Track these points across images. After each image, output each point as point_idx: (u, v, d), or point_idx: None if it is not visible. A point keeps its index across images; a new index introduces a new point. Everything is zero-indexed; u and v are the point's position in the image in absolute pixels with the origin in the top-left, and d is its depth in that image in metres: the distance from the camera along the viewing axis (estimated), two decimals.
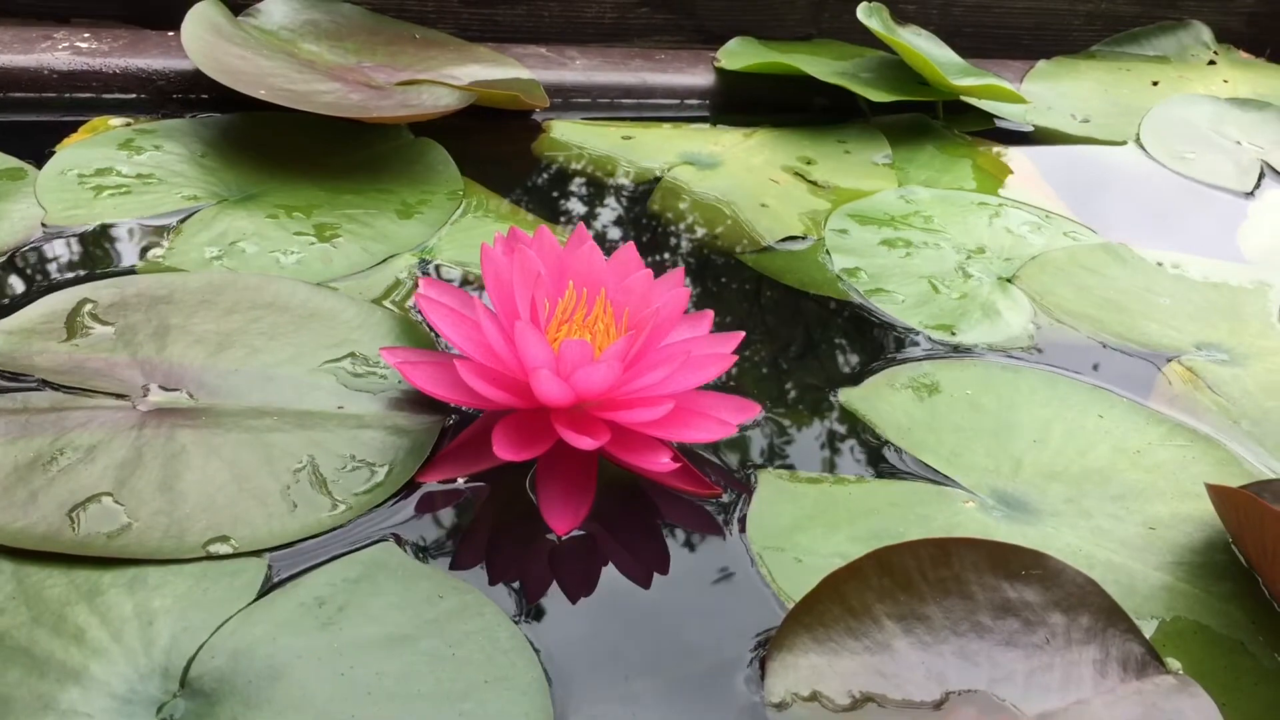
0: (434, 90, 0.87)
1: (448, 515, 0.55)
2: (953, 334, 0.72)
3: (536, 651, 0.47)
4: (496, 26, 1.04)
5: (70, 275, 0.67)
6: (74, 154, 0.79)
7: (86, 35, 0.90)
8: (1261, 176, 1.02)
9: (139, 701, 0.43)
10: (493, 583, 0.51)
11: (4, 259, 0.68)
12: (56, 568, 0.48)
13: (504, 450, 0.53)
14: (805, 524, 0.56)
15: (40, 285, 0.66)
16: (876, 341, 0.71)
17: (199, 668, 0.45)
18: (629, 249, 0.62)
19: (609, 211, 0.84)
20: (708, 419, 0.57)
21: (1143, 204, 0.96)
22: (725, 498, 0.57)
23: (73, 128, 0.84)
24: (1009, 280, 0.80)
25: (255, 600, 0.48)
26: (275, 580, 0.49)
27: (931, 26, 1.13)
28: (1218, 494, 0.58)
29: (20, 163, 0.77)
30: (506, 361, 0.56)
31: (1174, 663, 0.51)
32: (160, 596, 0.47)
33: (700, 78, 1.03)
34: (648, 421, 0.55)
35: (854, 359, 0.69)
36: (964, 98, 1.03)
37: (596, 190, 0.86)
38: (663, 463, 0.55)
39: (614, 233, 0.81)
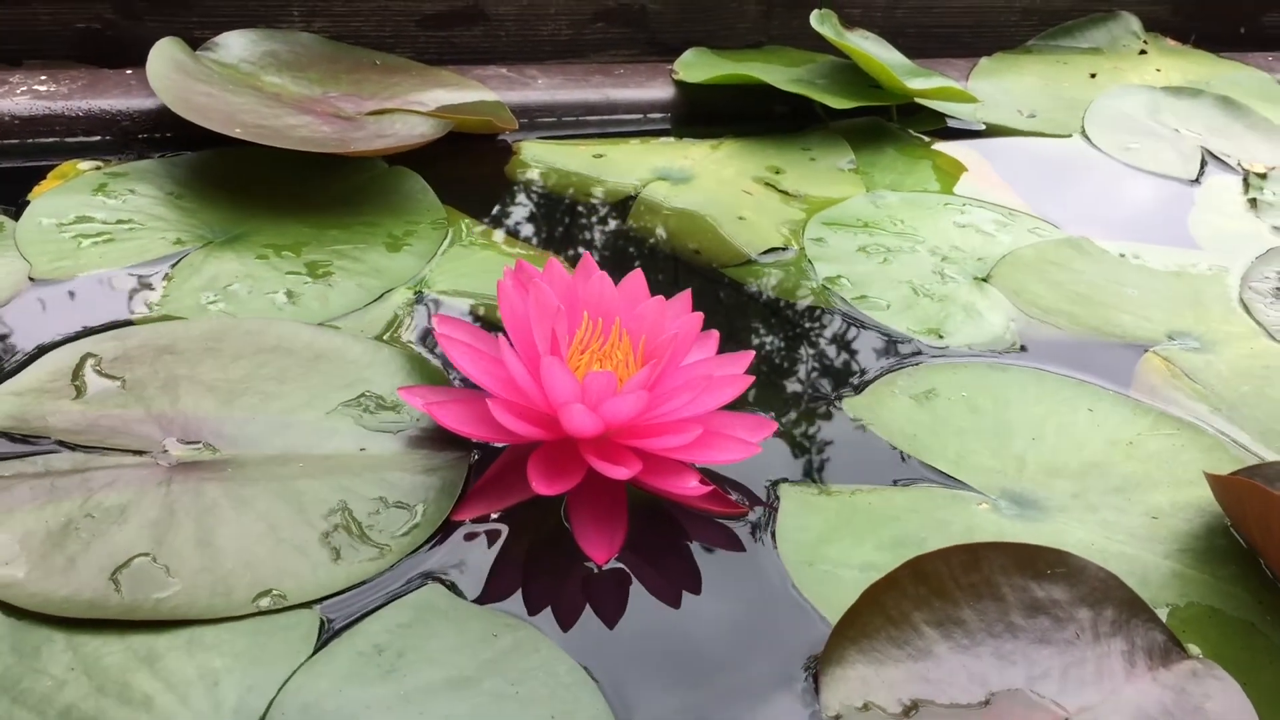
0: (408, 119, 0.87)
1: (487, 552, 0.55)
2: (940, 337, 0.75)
3: (596, 682, 0.48)
4: (454, 49, 1.04)
5: (67, 330, 0.66)
6: (49, 202, 0.78)
7: (43, 78, 0.89)
8: (1204, 164, 1.06)
9: None
10: (541, 616, 0.52)
11: None
12: (109, 634, 0.48)
13: (541, 485, 0.54)
14: (831, 536, 0.58)
15: (38, 342, 0.65)
16: (870, 349, 0.73)
17: None
18: (637, 276, 0.63)
19: (591, 232, 0.85)
20: (731, 440, 0.58)
21: (1095, 196, 1.00)
22: (750, 515, 0.58)
23: (40, 174, 0.82)
24: (984, 280, 0.82)
25: (314, 653, 0.48)
26: (330, 631, 0.49)
27: (876, 28, 1.16)
28: (1218, 483, 0.60)
29: None
30: (531, 396, 0.57)
31: (1194, 648, 0.53)
32: (219, 656, 0.48)
33: (660, 91, 1.04)
34: (675, 447, 0.57)
35: (852, 367, 0.71)
36: (918, 100, 1.06)
37: (575, 211, 0.87)
38: (691, 486, 0.57)
39: (598, 253, 0.82)
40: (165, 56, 0.87)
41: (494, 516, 0.57)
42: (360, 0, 0.99)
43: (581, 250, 0.82)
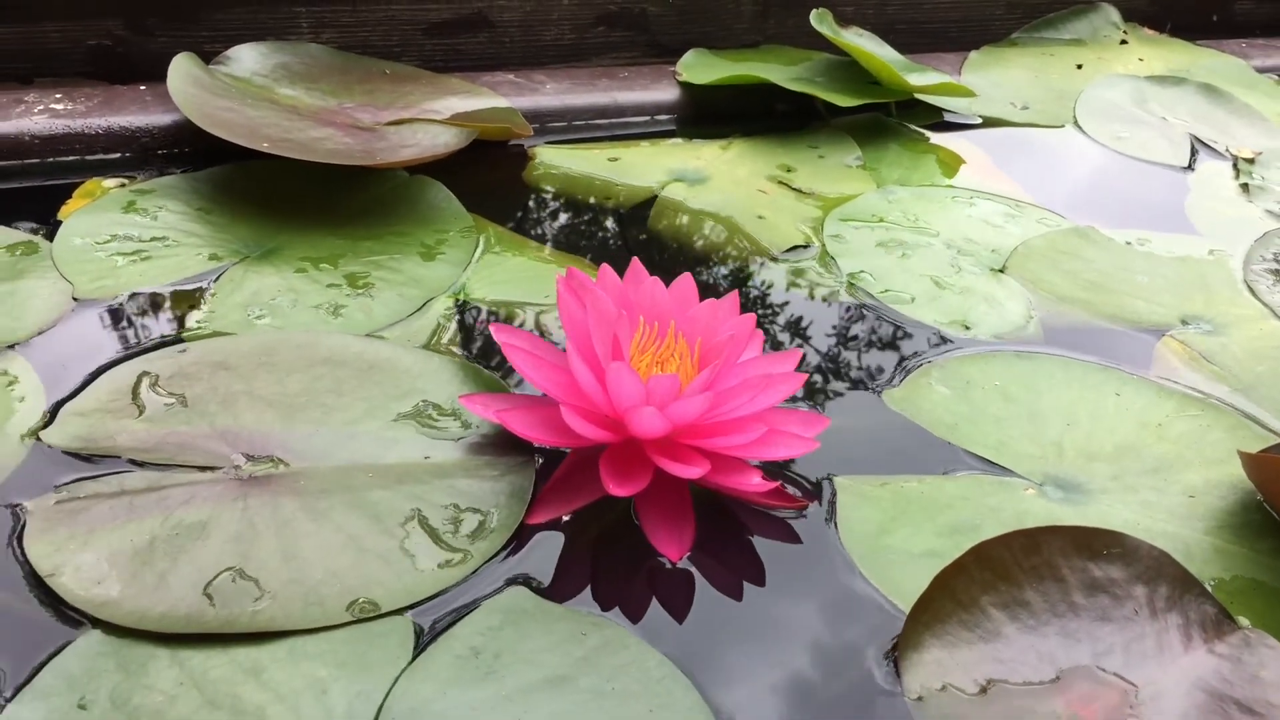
0: (429, 129, 0.88)
1: (563, 553, 0.57)
2: (966, 328, 0.77)
3: (685, 675, 0.50)
4: (460, 55, 1.05)
5: (119, 349, 0.67)
6: (82, 221, 0.78)
7: (58, 96, 0.89)
8: (1194, 151, 1.09)
9: None
10: (622, 613, 0.53)
11: (44, 337, 0.67)
12: (210, 648, 0.49)
13: (615, 487, 0.55)
14: (890, 526, 0.60)
15: (92, 362, 0.65)
16: (901, 342, 0.75)
17: None
18: (686, 280, 0.64)
19: (615, 235, 0.86)
20: (788, 436, 0.60)
21: (1093, 185, 1.02)
22: (809, 508, 0.60)
23: (63, 192, 0.82)
24: (1000, 271, 0.85)
25: (414, 659, 0.49)
26: (425, 636, 0.51)
27: (868, 25, 1.18)
28: (1250, 460, 0.63)
29: (29, 235, 0.76)
30: (596, 400, 0.58)
31: (1243, 620, 0.56)
32: (323, 665, 0.49)
33: (665, 93, 1.06)
34: (739, 445, 0.58)
35: (887, 360, 0.73)
36: (918, 96, 1.08)
37: (597, 214, 0.88)
38: (755, 483, 0.58)
39: (625, 256, 0.83)
40: (183, 72, 0.87)
41: (565, 519, 0.58)
42: (367, 11, 0.99)
43: (607, 253, 0.83)
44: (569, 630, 0.52)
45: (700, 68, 1.08)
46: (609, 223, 0.87)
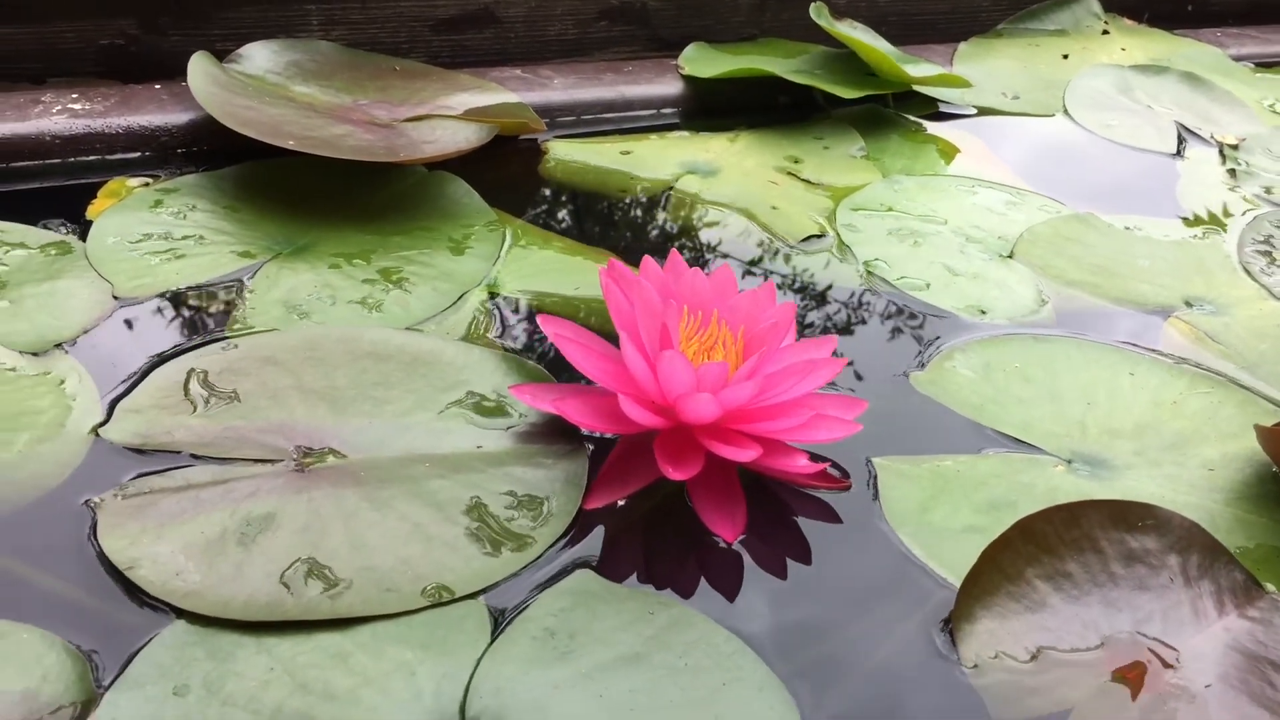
0: (448, 125, 0.89)
1: (620, 536, 0.59)
2: (982, 313, 0.80)
3: (752, 649, 0.52)
4: (466, 51, 1.06)
5: (165, 347, 0.68)
6: (112, 221, 0.78)
7: (74, 95, 0.89)
8: (1180, 138, 1.13)
9: None
10: (682, 592, 0.55)
11: (90, 337, 0.68)
12: (294, 635, 0.50)
13: (674, 471, 0.57)
14: (931, 504, 0.62)
15: (139, 360, 0.66)
16: (922, 326, 0.78)
17: (473, 709, 0.48)
18: (725, 270, 0.66)
19: (636, 227, 0.88)
20: (832, 419, 0.62)
21: (1087, 172, 1.05)
22: (848, 488, 0.63)
23: (87, 192, 0.83)
24: (1009, 257, 0.87)
25: (493, 641, 0.51)
26: (500, 619, 0.52)
27: (860, 17, 1.21)
28: (1265, 434, 0.66)
29: (61, 235, 0.77)
30: (646, 388, 0.60)
31: (1270, 586, 0.59)
32: (407, 649, 0.50)
33: (669, 86, 1.07)
34: (787, 429, 0.60)
35: (910, 345, 0.76)
36: (917, 88, 1.11)
37: (615, 207, 0.90)
38: (802, 464, 0.61)
39: (648, 248, 0.85)
40: (202, 71, 0.88)
41: (620, 503, 0.60)
42: (376, 7, 1.00)
43: (630, 245, 0.85)
44: (637, 609, 0.53)
45: (702, 61, 1.10)
46: (628, 215, 0.89)
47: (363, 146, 0.84)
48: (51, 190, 0.84)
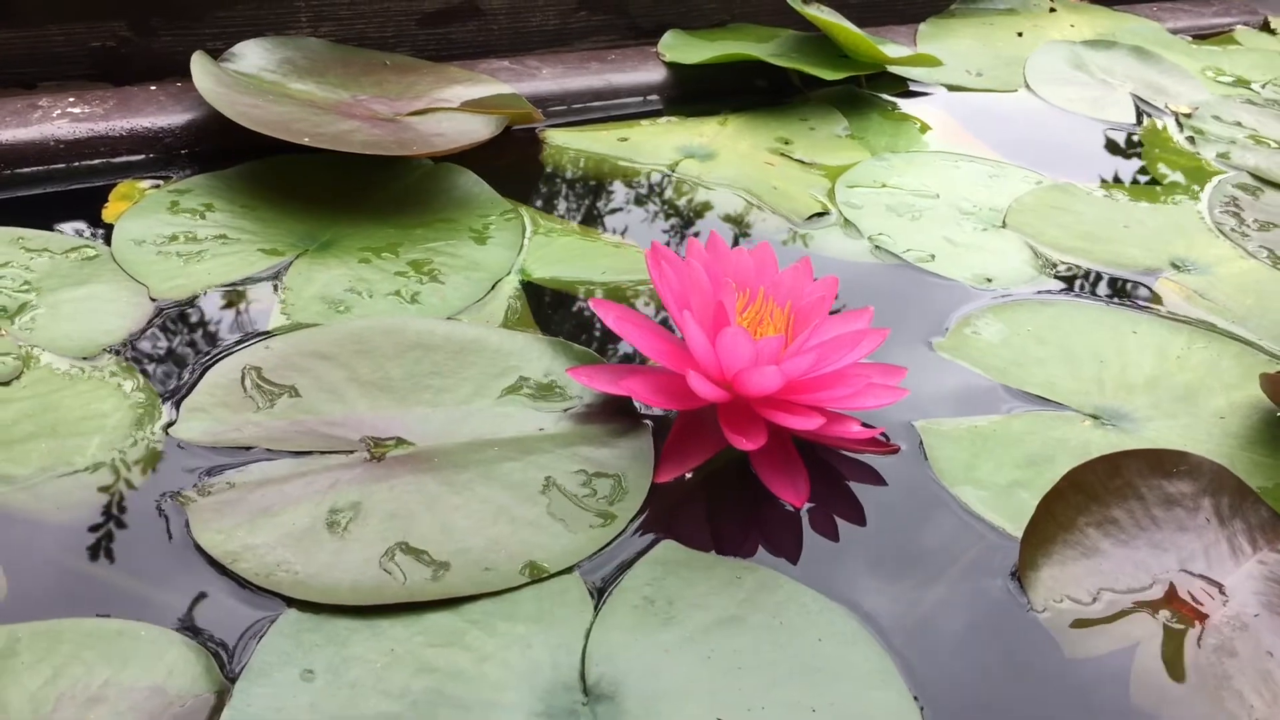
0: (455, 118, 0.90)
1: (694, 506, 0.61)
2: (988, 281, 0.83)
3: (838, 605, 0.55)
4: (451, 44, 1.07)
5: (214, 346, 0.68)
6: (134, 224, 0.78)
7: (71, 99, 0.88)
8: (1139, 110, 1.18)
9: (560, 714, 0.48)
10: (761, 555, 0.58)
11: (136, 339, 0.68)
12: (403, 617, 0.52)
13: (746, 442, 0.60)
14: (975, 462, 0.66)
15: (190, 361, 0.66)
16: (934, 295, 0.81)
17: (591, 676, 0.50)
18: (765, 248, 0.69)
19: (646, 210, 0.90)
20: (879, 387, 0.65)
21: (1056, 144, 1.10)
22: (898, 451, 0.66)
23: (96, 195, 0.82)
24: (1003, 227, 0.91)
25: (596, 612, 0.53)
26: (598, 591, 0.54)
27: (828, 1, 1.24)
28: (1271, 382, 0.71)
29: (85, 240, 0.76)
30: (706, 364, 0.62)
31: None
32: (519, 623, 0.52)
33: (653, 73, 1.09)
34: (841, 397, 0.63)
35: (927, 313, 0.79)
36: (891, 68, 1.14)
37: (621, 192, 0.92)
38: (856, 430, 0.63)
39: (658, 230, 0.87)
40: (205, 71, 0.87)
41: (688, 476, 0.62)
42: (364, 3, 1.01)
43: (644, 228, 0.87)
44: (725, 575, 0.56)
45: (681, 48, 1.12)
46: (636, 199, 0.91)
47: (373, 141, 0.85)
48: (58, 195, 0.83)
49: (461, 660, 0.50)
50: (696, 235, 0.87)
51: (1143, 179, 1.03)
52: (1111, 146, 1.10)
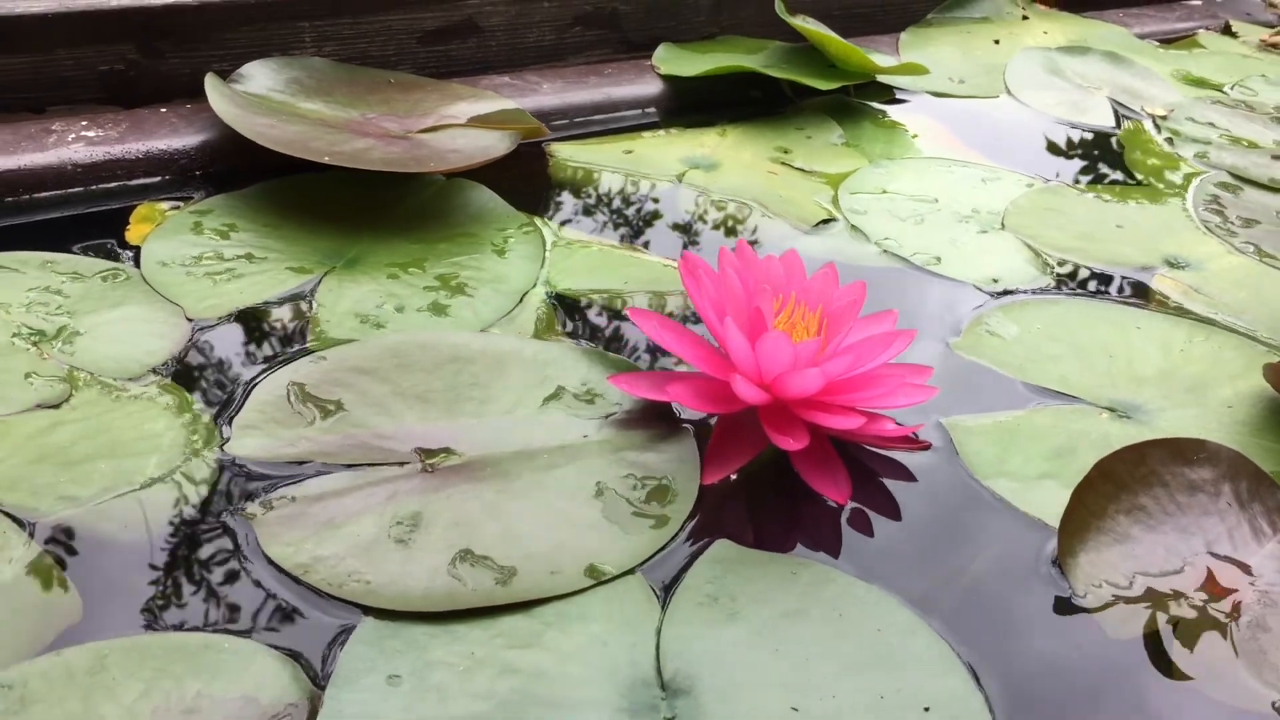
0: (468, 134, 0.92)
1: (741, 506, 0.63)
2: (995, 281, 0.86)
3: (890, 596, 0.57)
4: (451, 61, 1.08)
5: (256, 364, 0.69)
6: (160, 246, 0.79)
7: (84, 123, 0.88)
8: (1117, 114, 1.22)
9: (642, 710, 0.50)
10: (810, 551, 0.60)
11: (178, 359, 0.69)
12: (478, 621, 0.53)
13: (793, 443, 0.62)
14: (1004, 456, 0.68)
15: (234, 379, 0.67)
16: (945, 296, 0.84)
17: (667, 672, 0.52)
18: (793, 255, 0.71)
19: (659, 220, 0.92)
20: (909, 386, 0.67)
21: (1041, 147, 1.13)
22: (929, 447, 0.68)
23: (115, 218, 0.83)
24: (1002, 229, 0.94)
25: (664, 610, 0.55)
26: (662, 590, 0.56)
27: (808, 12, 1.26)
28: (1274, 370, 0.74)
29: (114, 263, 0.77)
30: (745, 368, 0.64)
31: None
32: (591, 624, 0.53)
33: (650, 86, 1.12)
34: (875, 396, 0.65)
35: (941, 314, 0.81)
36: (880, 77, 1.17)
37: (632, 203, 0.94)
38: (892, 428, 0.66)
39: (673, 240, 0.89)
40: (218, 93, 0.88)
41: (733, 477, 0.64)
42: (366, 22, 1.02)
43: (659, 239, 0.89)
44: (781, 571, 0.58)
45: (675, 61, 1.14)
46: (648, 210, 0.93)
47: (391, 158, 0.86)
48: (77, 218, 0.84)
49: (543, 660, 0.51)
50: (697, 245, 0.89)
51: (1128, 180, 1.07)
52: (1095, 149, 1.14)
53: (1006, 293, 0.85)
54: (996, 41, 1.36)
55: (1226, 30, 1.56)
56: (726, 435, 0.66)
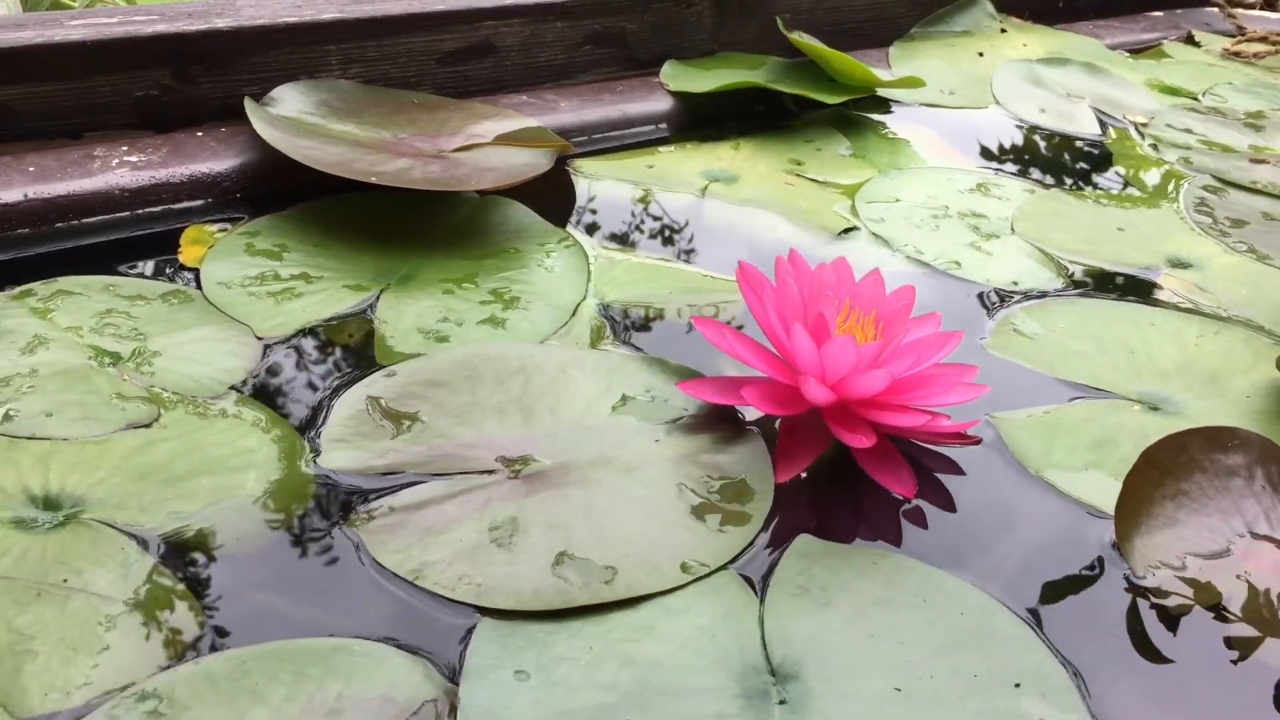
0: (501, 152, 0.94)
1: (816, 501, 0.66)
2: (1015, 283, 0.90)
3: (966, 582, 0.60)
4: (469, 81, 1.11)
5: (330, 380, 0.71)
6: (219, 268, 0.81)
7: (125, 148, 0.90)
8: (1102, 123, 1.27)
9: (757, 695, 0.53)
10: (883, 542, 0.63)
11: (255, 377, 0.71)
12: (591, 618, 0.56)
13: (863, 440, 0.65)
14: (1051, 448, 0.72)
15: (311, 394, 0.69)
16: (971, 298, 0.88)
17: (775, 658, 0.55)
18: (842, 262, 0.74)
19: (691, 232, 0.95)
20: (961, 384, 0.71)
21: (1035, 156, 1.18)
22: (980, 442, 0.72)
23: (161, 241, 0.85)
24: (1013, 233, 0.99)
25: (762, 602, 0.58)
26: (754, 584, 0.59)
27: (801, 28, 1.31)
28: None
29: (177, 285, 0.78)
30: (809, 371, 0.68)
31: None
32: (696, 616, 0.56)
33: (660, 103, 1.15)
34: (929, 394, 0.69)
35: (969, 315, 0.85)
36: (880, 90, 1.22)
37: (661, 216, 0.97)
38: (949, 425, 0.69)
39: (705, 251, 0.92)
40: (259, 117, 0.90)
41: (803, 475, 0.67)
42: (389, 45, 1.04)
43: (694, 250, 0.92)
44: (863, 562, 0.61)
45: (683, 78, 1.18)
46: (679, 221, 0.96)
47: (432, 178, 0.89)
48: (125, 242, 0.85)
49: (658, 652, 0.54)
50: (733, 256, 0.92)
51: (1121, 185, 1.12)
52: (1085, 156, 1.19)
53: (1027, 295, 0.89)
54: (980, 54, 1.41)
55: (1189, 40, 1.62)
56: (792, 436, 0.69)
